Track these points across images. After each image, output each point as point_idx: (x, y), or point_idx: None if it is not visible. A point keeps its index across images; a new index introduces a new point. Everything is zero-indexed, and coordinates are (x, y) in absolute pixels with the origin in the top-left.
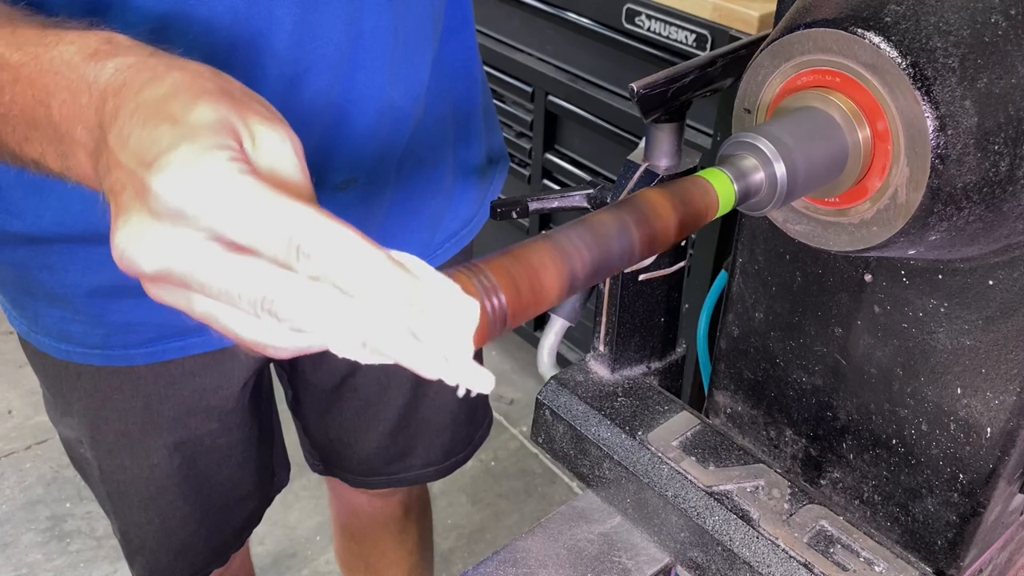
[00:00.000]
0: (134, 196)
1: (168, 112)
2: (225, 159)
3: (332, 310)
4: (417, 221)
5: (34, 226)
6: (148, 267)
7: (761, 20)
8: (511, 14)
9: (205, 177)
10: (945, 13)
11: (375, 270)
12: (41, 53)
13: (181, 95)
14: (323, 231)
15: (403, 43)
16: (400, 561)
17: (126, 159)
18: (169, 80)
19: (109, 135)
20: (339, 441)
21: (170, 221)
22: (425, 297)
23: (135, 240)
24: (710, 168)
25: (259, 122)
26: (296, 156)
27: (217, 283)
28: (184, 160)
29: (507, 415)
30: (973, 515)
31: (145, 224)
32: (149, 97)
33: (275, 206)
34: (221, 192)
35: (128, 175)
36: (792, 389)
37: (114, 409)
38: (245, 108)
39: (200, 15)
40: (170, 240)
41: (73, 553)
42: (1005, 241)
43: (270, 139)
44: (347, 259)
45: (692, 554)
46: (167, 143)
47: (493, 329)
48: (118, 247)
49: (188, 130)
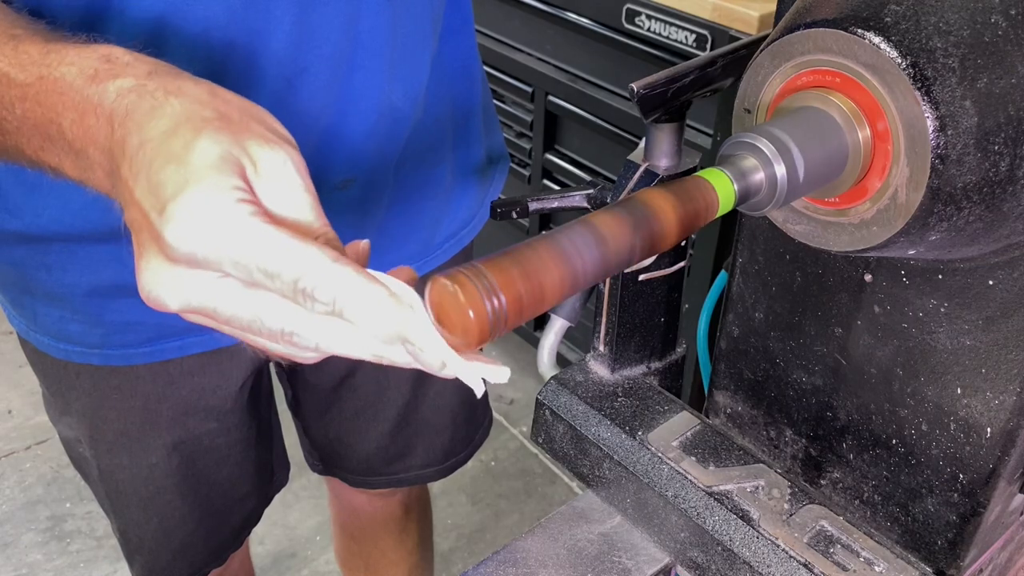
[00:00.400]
0: (150, 240)
1: (171, 151)
2: (232, 202)
3: (344, 339)
4: (416, 221)
5: (33, 225)
6: (173, 305)
7: (761, 20)
8: (511, 14)
9: (211, 226)
10: (945, 13)
11: (373, 305)
12: (44, 74)
13: (182, 131)
14: (323, 275)
15: (402, 43)
16: (400, 561)
17: (139, 197)
18: (168, 111)
19: (121, 168)
20: (339, 441)
21: (186, 265)
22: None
23: (158, 282)
24: (710, 168)
25: (258, 146)
26: (298, 173)
27: (239, 319)
28: (190, 209)
29: (507, 415)
30: (973, 515)
31: (164, 268)
32: (152, 133)
33: (281, 251)
34: (227, 241)
35: (143, 218)
36: (792, 389)
37: (113, 408)
38: (244, 132)
39: (198, 15)
40: (188, 282)
41: (73, 553)
42: (1005, 241)
43: (271, 162)
44: (348, 299)
45: (692, 554)
46: (172, 189)
47: (494, 329)
48: (144, 287)
49: (192, 172)
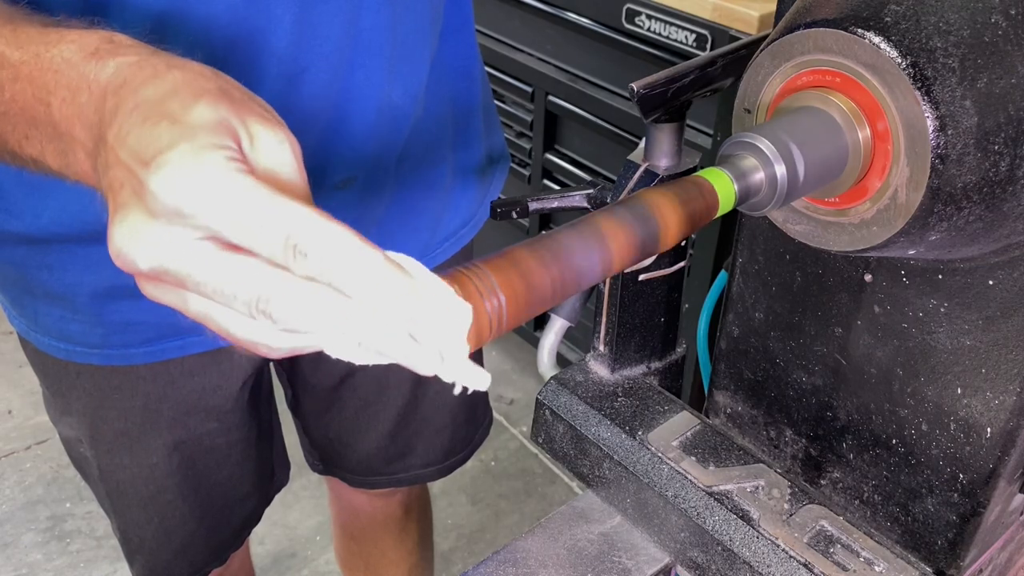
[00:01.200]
0: (132, 194)
1: (167, 111)
2: (223, 159)
3: (327, 310)
4: (416, 220)
5: (33, 226)
6: (144, 264)
7: (761, 20)
8: (511, 14)
9: (202, 176)
10: (945, 13)
11: (372, 269)
12: (42, 51)
13: (181, 94)
14: (320, 230)
15: (402, 42)
16: (400, 561)
17: (124, 156)
18: (169, 78)
19: (108, 132)
20: (339, 441)
21: (167, 220)
22: (420, 296)
23: (132, 237)
24: (710, 168)
25: (258, 123)
26: (294, 158)
27: (212, 282)
28: (182, 159)
29: (507, 415)
30: (973, 515)
31: (142, 222)
32: (149, 95)
33: (272, 205)
34: (218, 191)
35: (126, 173)
36: (792, 389)
37: (113, 408)
38: (244, 109)
39: (199, 14)
40: (166, 238)
41: (73, 553)
42: (1005, 241)
43: (268, 140)
44: (344, 258)
45: (692, 554)
46: (165, 142)
47: (493, 329)
48: (115, 244)
49: (187, 129)
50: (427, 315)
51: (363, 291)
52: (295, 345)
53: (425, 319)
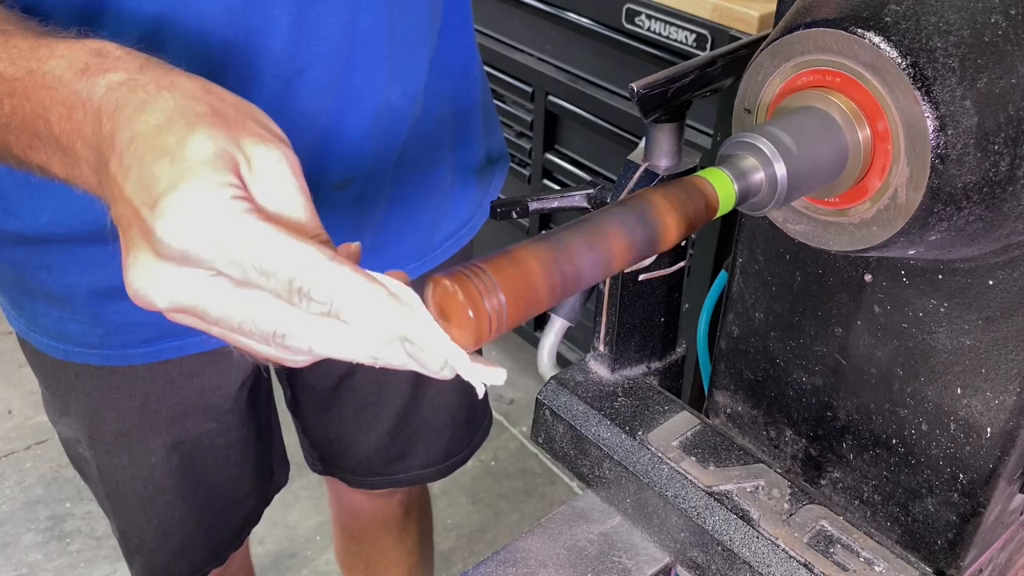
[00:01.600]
0: (139, 236)
1: (164, 146)
2: (225, 199)
3: (338, 341)
4: (415, 221)
5: (32, 226)
6: (162, 304)
7: (761, 20)
8: (511, 14)
9: (205, 221)
10: (945, 13)
11: (372, 307)
12: (34, 67)
13: (174, 125)
14: (320, 274)
15: (400, 43)
16: (400, 561)
17: (129, 193)
18: (161, 105)
19: (110, 163)
20: (338, 441)
21: (176, 262)
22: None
23: (146, 279)
24: (710, 168)
25: (253, 144)
26: (292, 173)
27: (229, 319)
28: (184, 204)
29: (507, 415)
30: (973, 515)
31: (153, 264)
32: (143, 127)
33: (275, 249)
34: (221, 236)
35: (132, 214)
36: (792, 389)
37: (112, 409)
38: (239, 129)
39: (196, 14)
40: (179, 279)
41: (73, 553)
42: (1005, 241)
43: (265, 161)
44: (344, 298)
45: (692, 554)
46: (165, 184)
47: (493, 329)
48: (131, 285)
49: (185, 168)
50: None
51: (367, 326)
52: (312, 359)
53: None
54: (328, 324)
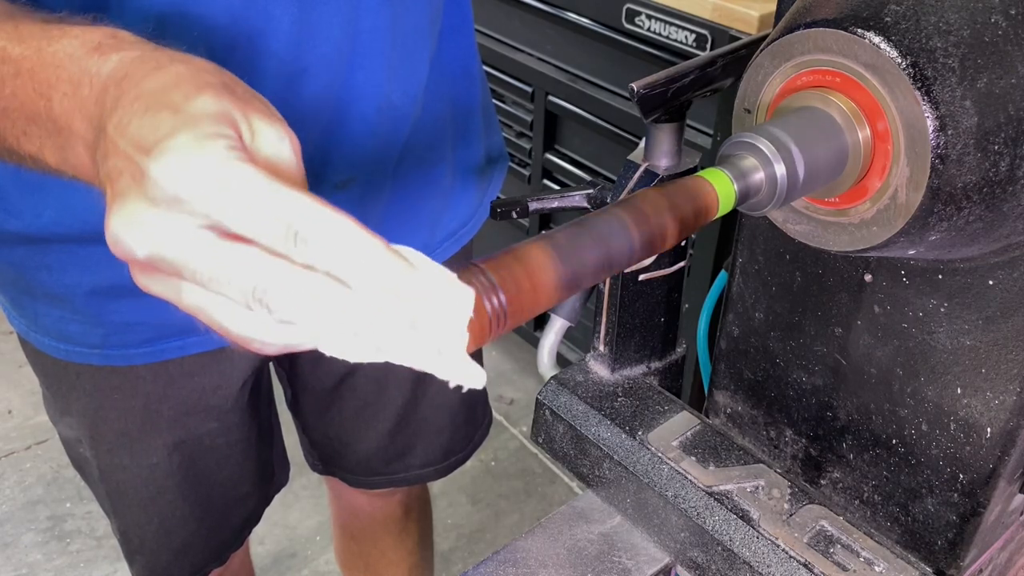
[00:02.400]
0: (131, 181)
1: (169, 101)
2: (223, 147)
3: (326, 298)
4: (416, 220)
5: (32, 226)
6: (141, 251)
7: (761, 20)
8: (511, 14)
9: (203, 163)
10: (945, 13)
11: (372, 256)
12: (44, 46)
13: (183, 85)
14: (322, 217)
15: (401, 43)
16: (400, 561)
17: (124, 145)
18: (172, 71)
19: (108, 123)
20: (338, 441)
21: (166, 207)
22: (421, 284)
23: (129, 224)
24: (710, 168)
25: (259, 118)
26: (294, 154)
27: (208, 269)
28: (182, 147)
29: (507, 415)
30: (973, 515)
31: (141, 209)
32: (151, 87)
33: (273, 192)
34: (218, 178)
35: (126, 161)
36: (792, 389)
37: (113, 409)
38: (246, 104)
39: (198, 14)
40: (165, 225)
41: (73, 553)
42: (1005, 241)
43: (269, 134)
44: (345, 245)
45: (692, 554)
46: (166, 130)
47: (493, 328)
48: (112, 231)
49: (188, 118)
50: (428, 300)
51: (364, 278)
52: (289, 341)
53: (426, 304)
54: (318, 279)
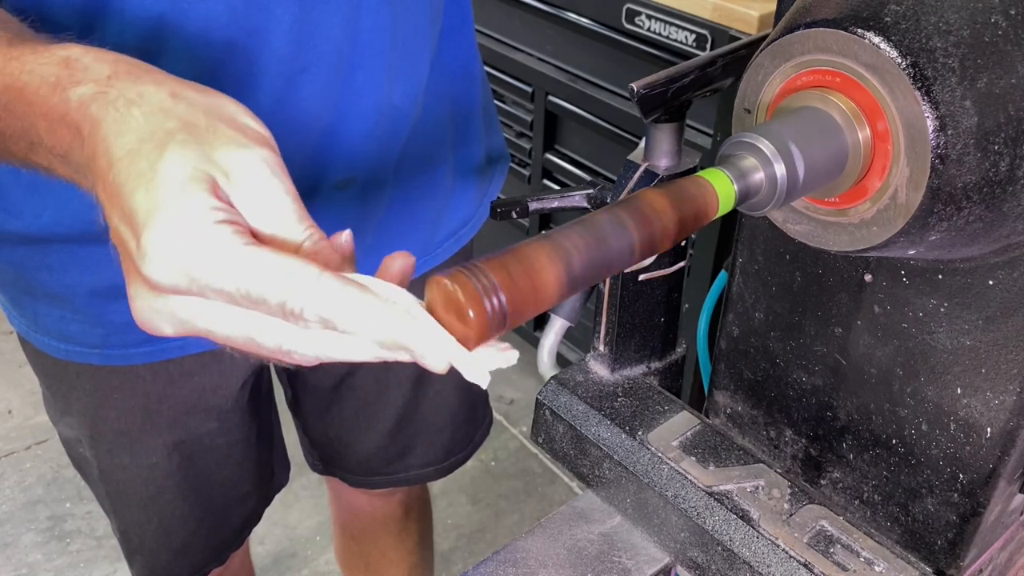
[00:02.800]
0: (133, 270)
1: (138, 173)
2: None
3: (342, 348)
4: (416, 220)
5: (32, 226)
6: (170, 331)
7: (761, 20)
8: (511, 14)
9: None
10: (945, 13)
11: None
12: (10, 83)
13: (145, 148)
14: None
15: (401, 43)
16: (400, 561)
17: (116, 223)
18: (133, 126)
19: (98, 189)
20: (339, 440)
21: (172, 294)
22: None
23: (149, 312)
24: (710, 168)
25: (228, 153)
26: (274, 175)
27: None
28: (164, 240)
29: (507, 415)
30: (973, 515)
31: (151, 298)
32: (118, 152)
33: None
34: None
35: (123, 245)
36: (792, 389)
37: (113, 408)
38: (212, 138)
39: (198, 14)
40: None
41: (73, 553)
42: (1005, 241)
43: (243, 168)
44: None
45: (692, 554)
46: (142, 216)
47: (493, 329)
48: (138, 316)
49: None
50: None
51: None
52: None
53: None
54: (329, 335)
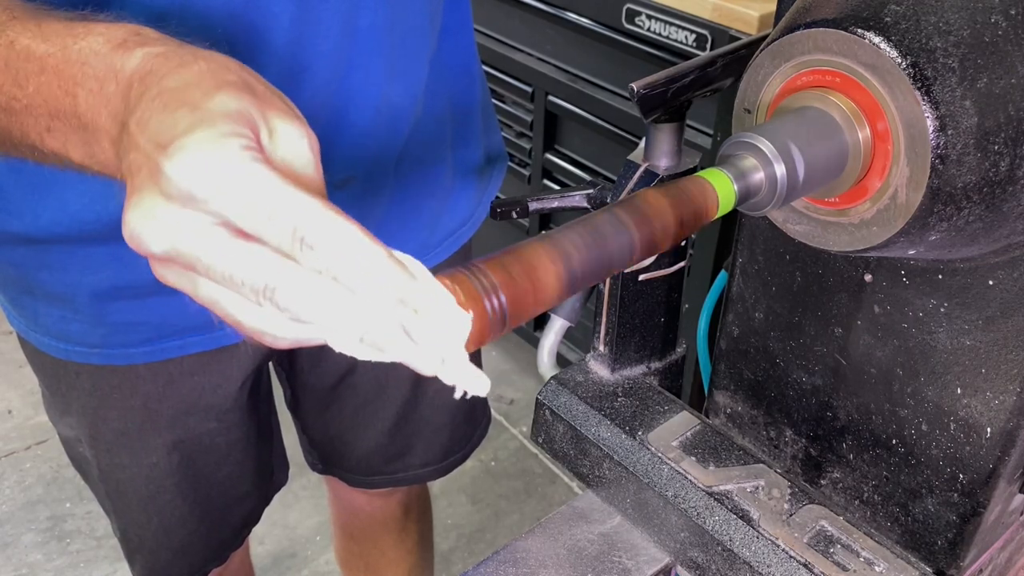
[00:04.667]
0: (148, 177)
1: (188, 98)
2: (239, 147)
3: (330, 303)
4: (415, 220)
5: (32, 226)
6: (156, 247)
7: (761, 20)
8: (511, 14)
9: (216, 163)
10: (945, 13)
11: (373, 267)
12: (69, 43)
13: (203, 83)
14: (327, 224)
15: (401, 41)
16: (399, 561)
17: (143, 141)
18: (195, 68)
19: (130, 119)
20: (338, 440)
21: (180, 203)
22: (419, 298)
23: (145, 220)
24: (710, 168)
25: (278, 116)
26: (311, 152)
27: (221, 268)
28: (198, 145)
29: (507, 415)
30: (973, 515)
31: (156, 205)
32: (172, 84)
33: (282, 196)
34: (231, 178)
35: (144, 157)
36: (792, 389)
37: (113, 408)
38: (266, 103)
39: (197, 11)
40: (179, 222)
41: (73, 553)
42: (1005, 241)
43: (288, 133)
44: (347, 253)
45: (692, 554)
46: (183, 127)
47: (493, 329)
48: (129, 226)
49: (206, 115)
50: (426, 320)
51: (364, 288)
52: (299, 336)
53: (423, 324)
54: (323, 283)
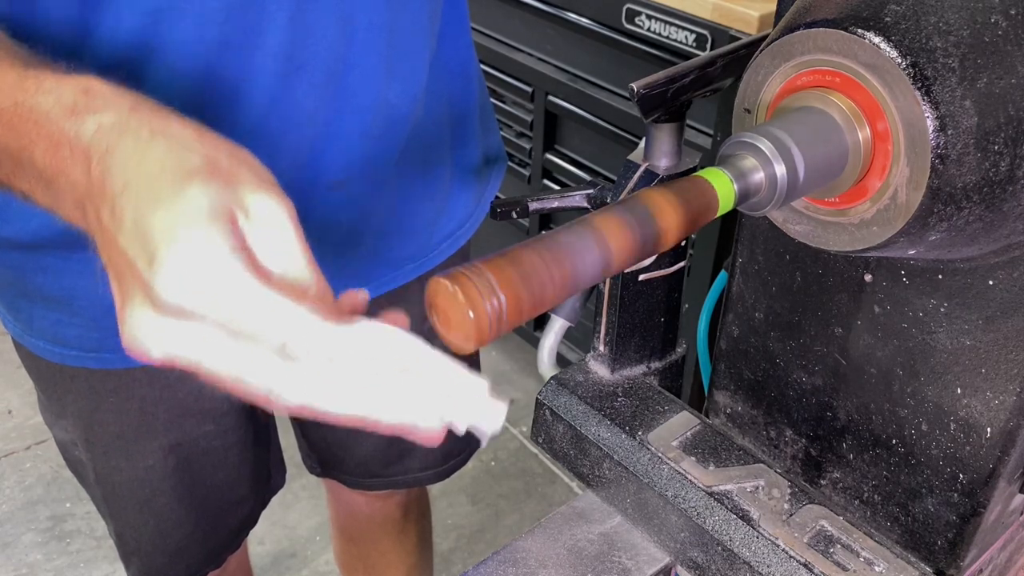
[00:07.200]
0: (136, 286)
1: (159, 197)
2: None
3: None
4: (413, 221)
5: (23, 231)
6: (157, 355)
7: (761, 20)
8: (511, 14)
9: (202, 279)
10: (945, 13)
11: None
12: (20, 100)
13: (169, 174)
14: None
15: (399, 42)
16: (399, 562)
17: (125, 244)
18: (155, 154)
19: (102, 212)
20: (337, 444)
21: (173, 316)
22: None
23: (142, 331)
24: (710, 168)
25: (250, 192)
26: (288, 219)
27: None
28: (181, 259)
29: (507, 415)
30: (973, 515)
31: (150, 317)
32: (136, 175)
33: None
34: (218, 295)
35: (127, 264)
36: (792, 389)
37: (109, 411)
38: (234, 179)
39: (193, 11)
40: (175, 334)
41: (73, 553)
42: (1005, 241)
43: (262, 209)
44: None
45: (692, 554)
46: (161, 236)
47: (493, 329)
48: (127, 336)
49: (181, 220)
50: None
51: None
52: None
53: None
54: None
